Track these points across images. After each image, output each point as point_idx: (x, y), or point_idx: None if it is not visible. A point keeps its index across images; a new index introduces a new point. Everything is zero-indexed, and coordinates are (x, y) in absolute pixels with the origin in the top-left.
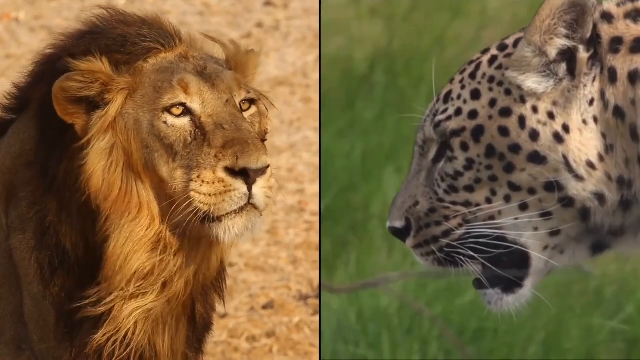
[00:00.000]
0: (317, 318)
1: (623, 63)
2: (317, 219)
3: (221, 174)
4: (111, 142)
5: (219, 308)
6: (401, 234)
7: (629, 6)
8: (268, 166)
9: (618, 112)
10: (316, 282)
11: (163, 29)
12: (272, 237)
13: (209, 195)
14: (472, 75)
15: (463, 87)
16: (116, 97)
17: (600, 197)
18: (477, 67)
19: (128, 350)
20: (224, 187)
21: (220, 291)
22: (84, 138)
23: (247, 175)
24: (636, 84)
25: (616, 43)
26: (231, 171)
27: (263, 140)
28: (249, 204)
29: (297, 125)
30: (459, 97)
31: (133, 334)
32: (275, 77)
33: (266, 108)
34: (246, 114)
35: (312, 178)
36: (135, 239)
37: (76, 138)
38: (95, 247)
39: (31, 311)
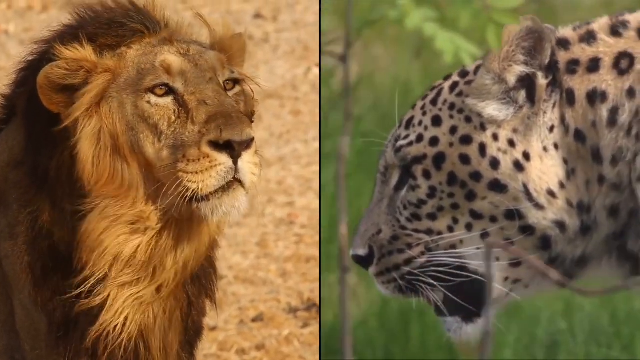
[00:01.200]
0: (307, 330)
1: (581, 84)
2: (306, 231)
3: (206, 148)
4: (97, 127)
5: (209, 320)
6: (364, 261)
7: (584, 29)
8: (253, 139)
9: (579, 136)
10: (306, 295)
11: (151, 14)
12: (262, 249)
13: (196, 173)
14: (434, 102)
15: (424, 114)
16: (98, 77)
17: (561, 225)
18: (439, 93)
19: (119, 340)
20: (210, 162)
21: (211, 293)
22: (68, 120)
23: (232, 149)
24: (596, 105)
25: (573, 64)
26: (216, 145)
27: (250, 121)
28: (235, 180)
29: (287, 138)
30: (420, 123)
31: (124, 324)
32: (264, 90)
33: (252, 89)
34: (230, 93)
35: (302, 191)
36: (109, 215)
37: (64, 131)
38: None
39: (22, 320)
